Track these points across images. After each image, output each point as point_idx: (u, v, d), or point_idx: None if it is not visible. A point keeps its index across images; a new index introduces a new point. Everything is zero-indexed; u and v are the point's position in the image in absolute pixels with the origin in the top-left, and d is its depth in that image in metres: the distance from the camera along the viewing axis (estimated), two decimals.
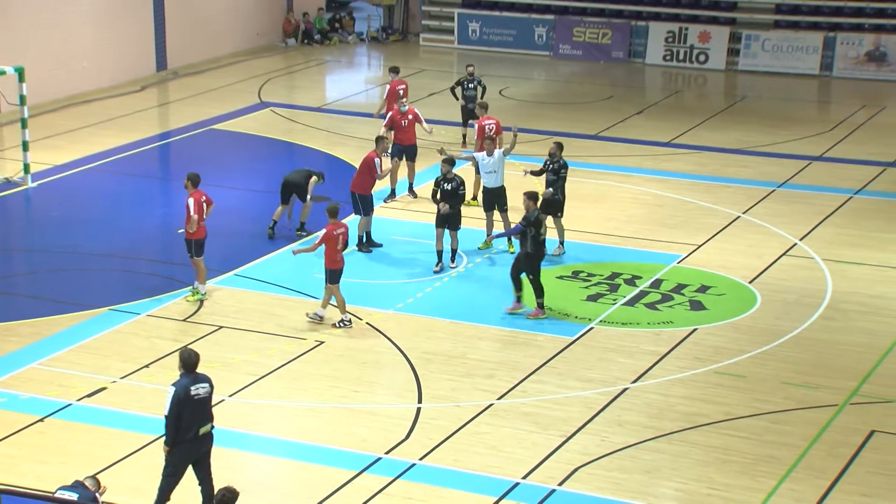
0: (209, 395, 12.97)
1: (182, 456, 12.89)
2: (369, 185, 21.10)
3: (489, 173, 21.19)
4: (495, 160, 21.10)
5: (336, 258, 18.14)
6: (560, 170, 20.81)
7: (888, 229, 22.71)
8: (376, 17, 41.30)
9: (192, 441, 12.84)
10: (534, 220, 18.38)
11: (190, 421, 12.76)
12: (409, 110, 23.91)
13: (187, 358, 12.96)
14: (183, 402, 12.70)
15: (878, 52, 35.15)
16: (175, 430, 12.75)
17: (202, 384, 12.93)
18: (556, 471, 14.37)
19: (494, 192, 21.21)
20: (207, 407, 12.95)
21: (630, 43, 37.30)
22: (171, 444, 12.83)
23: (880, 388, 16.60)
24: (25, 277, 20.57)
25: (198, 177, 19.04)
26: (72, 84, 31.30)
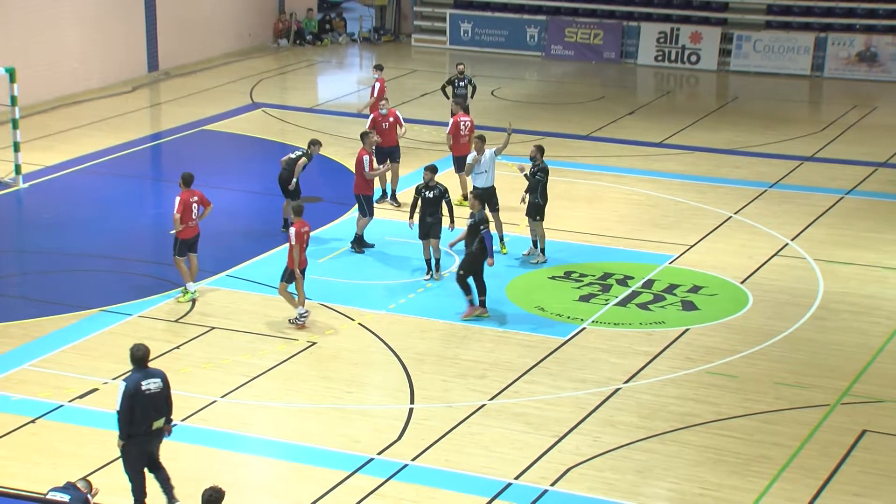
0: (161, 389, 13.04)
1: (137, 451, 13.01)
2: (369, 185, 21.12)
3: (480, 173, 21.14)
4: (486, 160, 21.07)
5: (302, 257, 18.18)
6: (536, 173, 20.58)
7: (879, 229, 22.75)
8: (368, 18, 41.30)
9: (145, 435, 12.96)
10: (482, 220, 18.38)
11: (142, 416, 12.87)
12: (389, 112, 23.70)
13: (135, 352, 13.07)
14: (134, 396, 12.79)
15: (869, 52, 35.21)
16: (128, 425, 12.85)
17: (154, 379, 13.03)
18: (548, 471, 14.38)
19: (485, 193, 21.19)
20: (160, 402, 13.03)
21: (622, 43, 37.34)
22: (124, 438, 12.93)
23: (872, 387, 16.63)
24: (17, 278, 20.53)
25: (190, 176, 19.03)
26: (63, 85, 31.26)
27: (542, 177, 20.55)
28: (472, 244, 18.42)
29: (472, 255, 18.44)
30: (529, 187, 20.63)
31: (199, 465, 14.47)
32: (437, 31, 39.67)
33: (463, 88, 27.39)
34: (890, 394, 16.46)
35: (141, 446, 12.99)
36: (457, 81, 27.50)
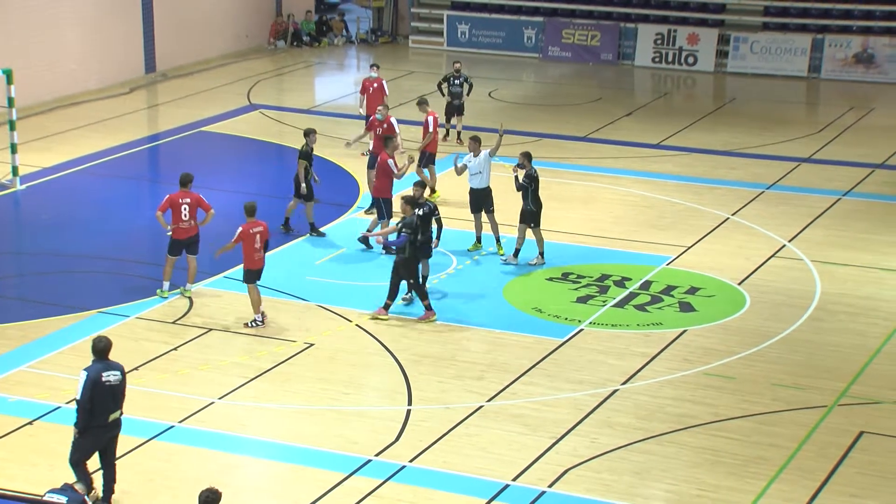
0: (121, 382, 13.10)
1: (92, 441, 13.06)
2: (388, 189, 20.96)
3: (475, 174, 21.10)
4: (481, 161, 21.03)
5: (254, 257, 18.17)
6: (524, 179, 20.46)
7: (876, 231, 22.77)
8: (365, 19, 41.30)
9: (102, 427, 13.03)
10: (413, 225, 18.28)
11: (101, 407, 12.93)
12: (385, 119, 23.39)
13: (97, 343, 13.13)
14: (94, 387, 12.86)
15: (866, 53, 35.24)
16: (88, 416, 12.90)
17: (114, 371, 13.08)
18: (545, 472, 14.38)
19: (480, 194, 21.14)
20: (117, 395, 13.10)
21: (619, 45, 37.36)
22: (82, 429, 12.96)
23: (869, 389, 16.64)
24: (14, 280, 20.52)
25: (186, 177, 19.07)
26: (60, 86, 31.25)
27: (527, 182, 20.42)
28: (405, 248, 18.30)
29: (406, 260, 18.33)
30: (519, 186, 20.61)
31: (196, 466, 14.46)
32: (434, 33, 39.69)
33: (458, 87, 27.61)
34: (887, 395, 16.47)
35: (96, 437, 13.07)
36: (452, 79, 27.69)
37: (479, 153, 21.06)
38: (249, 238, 18.12)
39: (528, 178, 20.44)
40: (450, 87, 27.69)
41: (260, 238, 18.24)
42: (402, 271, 18.39)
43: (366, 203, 23.54)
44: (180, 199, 18.88)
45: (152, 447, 14.84)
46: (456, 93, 27.65)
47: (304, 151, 21.65)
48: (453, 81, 27.67)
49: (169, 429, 15.27)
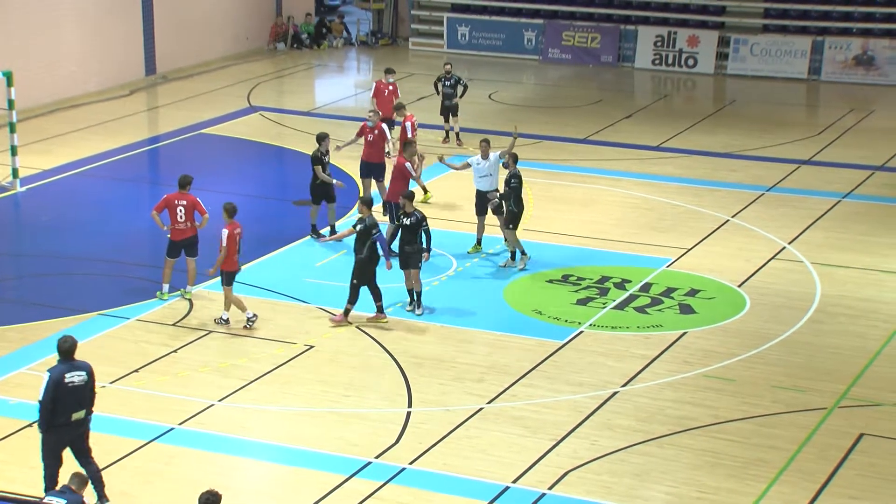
0: (85, 383, 13.14)
1: (56, 440, 13.11)
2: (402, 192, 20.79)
3: (484, 177, 21.04)
4: (491, 163, 20.98)
5: (234, 259, 18.18)
6: (510, 179, 20.37)
7: (876, 233, 22.77)
8: (365, 22, 41.31)
9: (65, 426, 13.08)
10: (373, 225, 18.25)
11: (63, 407, 12.98)
12: (377, 125, 22.98)
13: (62, 344, 13.19)
14: (56, 388, 12.92)
15: (866, 56, 35.24)
16: (49, 415, 12.97)
17: (78, 372, 13.13)
18: (546, 475, 14.38)
19: (486, 196, 21.15)
20: (83, 394, 13.15)
21: (619, 47, 37.36)
22: (44, 428, 13.04)
23: (869, 391, 16.64)
24: (14, 282, 20.52)
25: (184, 178, 19.11)
26: (60, 88, 31.26)
27: (516, 183, 20.35)
28: (362, 250, 18.21)
29: (362, 262, 18.25)
30: (503, 195, 20.54)
31: (196, 468, 14.46)
32: (434, 35, 39.69)
33: (450, 88, 27.67)
34: (887, 397, 16.47)
35: (59, 437, 13.13)
36: (444, 80, 27.78)
37: (488, 155, 21.00)
38: (233, 240, 18.14)
39: (515, 178, 20.36)
40: (442, 88, 27.81)
41: (238, 240, 18.27)
42: (356, 274, 18.27)
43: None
44: (176, 201, 18.89)
45: (152, 449, 14.84)
46: (448, 93, 27.72)
47: (315, 156, 21.57)
48: (445, 82, 27.79)
49: (169, 431, 15.27)
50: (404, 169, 20.83)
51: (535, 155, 27.10)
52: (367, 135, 22.94)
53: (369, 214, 18.36)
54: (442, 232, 21.98)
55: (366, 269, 18.25)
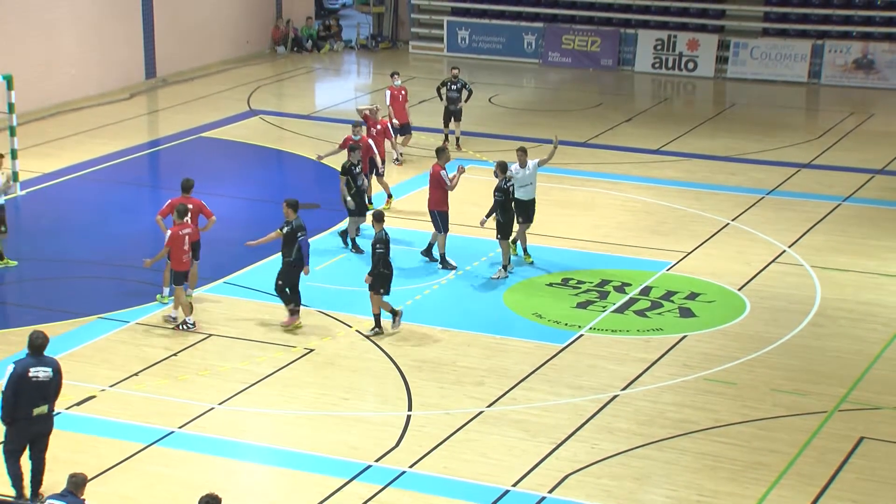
0: (50, 379, 13.25)
1: (17, 432, 13.26)
2: (444, 201, 20.69)
3: (524, 186, 20.68)
4: (530, 171, 20.70)
5: (182, 259, 18.19)
6: (496, 192, 20.21)
7: (876, 236, 22.78)
8: (366, 25, 41.33)
9: (27, 420, 13.19)
10: (300, 228, 18.23)
11: (25, 400, 13.11)
12: (362, 138, 22.66)
13: (34, 339, 13.31)
14: (20, 381, 13.07)
15: (866, 59, 35.26)
16: (11, 408, 13.13)
17: (44, 368, 13.24)
18: (546, 478, 14.38)
19: (525, 205, 20.78)
20: (46, 391, 13.25)
21: (619, 51, 37.37)
22: (7, 420, 13.19)
23: (869, 394, 16.64)
24: (14, 286, 20.52)
25: (187, 182, 19.16)
26: (61, 92, 31.27)
27: (500, 197, 20.22)
28: (291, 253, 18.18)
29: (290, 265, 18.24)
30: (491, 209, 20.31)
31: (196, 472, 14.46)
32: (434, 39, 39.71)
33: (455, 92, 27.69)
34: (887, 401, 16.47)
35: (20, 429, 13.24)
36: (449, 84, 27.77)
37: (526, 163, 20.69)
38: (179, 240, 18.15)
39: (500, 193, 20.21)
40: (447, 93, 27.75)
41: (188, 240, 18.23)
42: (282, 276, 18.23)
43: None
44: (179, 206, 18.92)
45: (152, 453, 14.84)
46: (453, 98, 27.68)
47: (345, 167, 21.44)
48: (451, 87, 27.75)
49: (169, 434, 15.27)
50: (440, 177, 20.59)
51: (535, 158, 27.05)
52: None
53: (296, 217, 18.33)
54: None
55: (292, 272, 18.27)
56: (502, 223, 20.32)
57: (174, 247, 18.14)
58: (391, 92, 26.75)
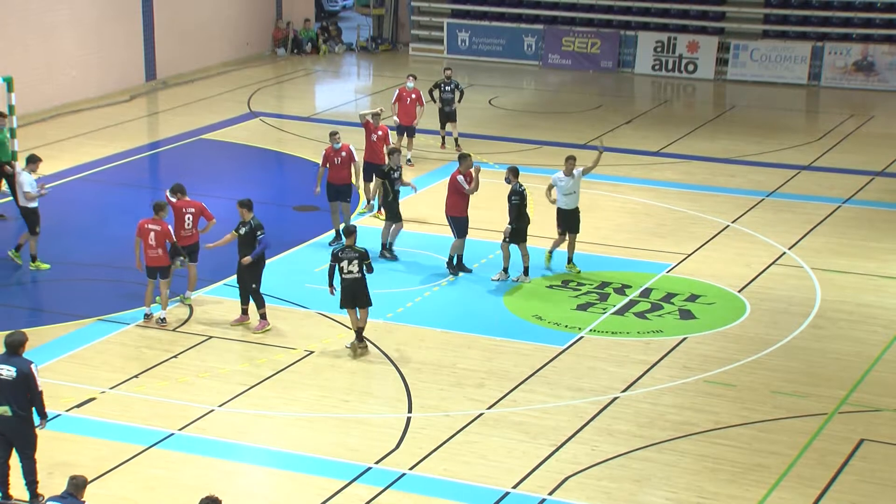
0: (13, 379, 13.20)
1: None
2: (462, 206, 20.41)
3: (568, 195, 20.34)
4: (575, 180, 20.35)
5: (148, 253, 18.31)
6: (511, 196, 19.94)
7: (876, 238, 22.78)
8: (366, 27, 41.34)
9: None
10: (259, 227, 18.24)
11: None
12: (343, 147, 21.95)
13: (8, 336, 13.35)
14: None
15: (866, 61, 35.27)
16: None
17: (9, 367, 13.20)
18: (546, 480, 14.38)
19: (569, 215, 20.50)
20: (8, 390, 13.19)
21: (619, 53, 37.39)
22: None
23: (869, 396, 16.64)
24: (14, 287, 20.52)
25: (178, 186, 19.24)
26: (60, 94, 31.28)
27: (517, 200, 19.98)
28: (249, 254, 18.20)
29: (251, 265, 18.26)
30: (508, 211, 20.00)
31: (196, 474, 14.46)
32: (434, 41, 39.72)
33: (449, 93, 27.72)
34: (887, 403, 16.47)
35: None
36: (443, 86, 27.79)
37: (572, 172, 20.34)
38: (144, 234, 18.25)
39: (516, 196, 20.03)
40: (441, 94, 27.75)
41: (156, 237, 18.23)
42: (254, 278, 18.27)
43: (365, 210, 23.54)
44: (184, 209, 18.96)
45: (152, 455, 14.84)
46: (447, 99, 27.71)
47: (384, 170, 21.24)
48: (444, 88, 27.76)
49: (169, 436, 15.27)
50: (457, 183, 20.33)
51: (535, 160, 27.12)
52: (334, 158, 21.88)
53: (252, 217, 18.35)
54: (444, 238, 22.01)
55: (254, 272, 18.30)
56: (515, 228, 20.00)
57: (144, 241, 18.26)
58: (400, 93, 26.69)
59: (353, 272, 17.47)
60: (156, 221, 18.40)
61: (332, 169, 21.82)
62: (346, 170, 21.84)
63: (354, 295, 17.56)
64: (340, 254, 17.51)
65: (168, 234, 18.46)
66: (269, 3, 39.25)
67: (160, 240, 18.41)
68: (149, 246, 18.34)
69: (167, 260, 18.50)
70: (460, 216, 20.48)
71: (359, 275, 17.49)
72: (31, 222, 20.82)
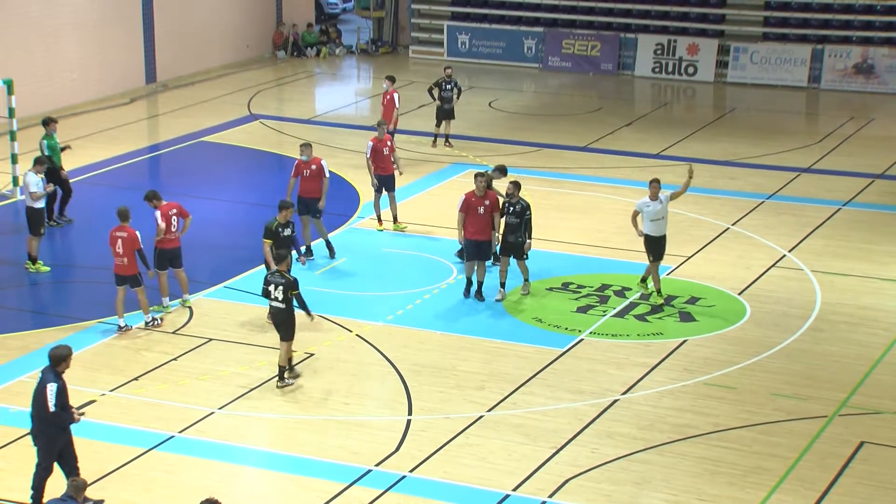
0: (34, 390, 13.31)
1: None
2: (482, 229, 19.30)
3: (656, 220, 19.28)
4: (662, 205, 19.29)
5: (115, 262, 18.26)
6: (524, 212, 19.23)
7: (876, 241, 22.78)
8: (366, 30, 41.35)
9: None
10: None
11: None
12: (312, 160, 21.16)
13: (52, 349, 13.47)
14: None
15: (866, 64, 35.27)
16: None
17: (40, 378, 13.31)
18: (546, 483, 14.37)
19: (658, 241, 19.42)
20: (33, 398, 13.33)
21: (619, 55, 37.39)
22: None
23: (869, 399, 16.63)
24: (14, 290, 20.52)
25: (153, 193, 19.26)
26: (61, 96, 31.29)
27: (529, 215, 19.29)
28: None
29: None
30: (511, 225, 19.28)
31: (196, 476, 14.45)
32: (434, 43, 39.73)
33: (449, 92, 27.90)
34: (888, 405, 16.47)
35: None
36: (444, 84, 27.98)
37: (658, 196, 19.26)
38: (112, 242, 18.21)
39: (528, 211, 19.26)
40: (441, 92, 27.96)
41: (123, 244, 18.16)
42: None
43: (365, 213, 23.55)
44: (170, 212, 18.97)
45: (152, 457, 14.84)
46: (447, 97, 28.01)
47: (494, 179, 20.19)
48: (444, 86, 27.98)
49: (169, 439, 15.26)
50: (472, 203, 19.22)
51: (536, 163, 27.14)
52: (303, 170, 21.12)
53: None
54: (444, 240, 22.03)
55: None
56: (522, 243, 19.33)
57: (112, 248, 18.23)
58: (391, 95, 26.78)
59: (278, 300, 16.43)
60: (122, 228, 18.21)
61: (302, 181, 21.08)
62: (314, 182, 21.03)
63: (277, 325, 16.68)
64: (269, 277, 16.60)
65: (135, 241, 18.20)
66: (269, 5, 39.27)
67: (127, 247, 18.15)
68: (116, 254, 18.26)
69: (135, 268, 18.22)
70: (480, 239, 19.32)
71: (282, 305, 16.44)
72: (34, 223, 20.86)
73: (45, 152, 23.00)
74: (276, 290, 16.45)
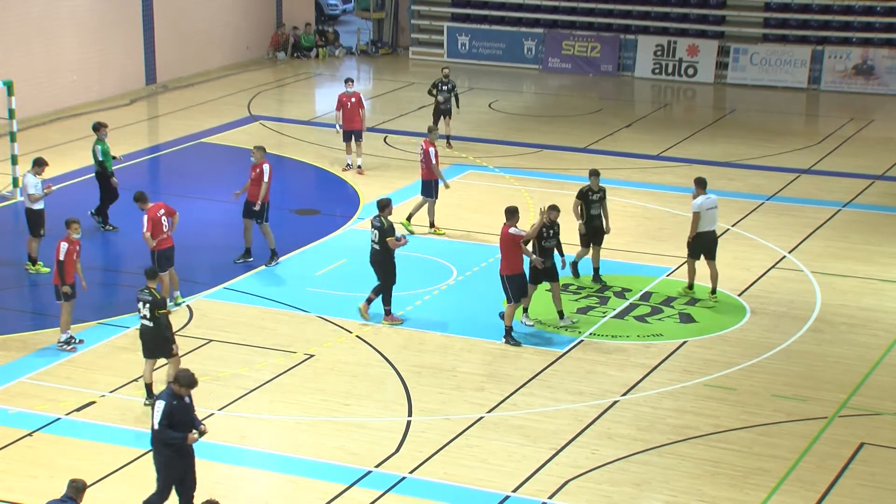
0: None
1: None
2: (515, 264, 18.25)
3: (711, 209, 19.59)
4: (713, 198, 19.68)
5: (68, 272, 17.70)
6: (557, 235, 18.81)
7: (876, 242, 22.78)
8: (366, 31, 41.36)
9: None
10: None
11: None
12: (259, 163, 20.94)
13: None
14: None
15: (866, 65, 35.28)
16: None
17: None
18: (546, 484, 14.37)
19: (709, 237, 19.69)
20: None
21: (619, 56, 37.40)
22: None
23: (869, 400, 16.63)
24: (14, 291, 20.52)
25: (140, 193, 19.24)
26: (61, 97, 31.29)
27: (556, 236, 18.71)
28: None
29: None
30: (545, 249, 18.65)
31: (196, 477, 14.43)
32: (434, 44, 39.73)
33: (446, 92, 27.96)
34: (888, 406, 16.47)
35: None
36: (440, 85, 28.08)
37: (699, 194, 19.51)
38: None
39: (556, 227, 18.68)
40: (438, 92, 28.11)
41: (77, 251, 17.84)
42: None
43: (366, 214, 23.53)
44: (158, 213, 18.97)
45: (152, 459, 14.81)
46: (445, 97, 28.08)
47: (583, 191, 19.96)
48: (441, 87, 28.11)
49: None
50: (510, 236, 18.10)
51: (535, 164, 27.14)
52: (250, 173, 21.10)
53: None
54: (445, 242, 22.03)
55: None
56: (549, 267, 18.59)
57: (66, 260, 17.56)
58: (340, 98, 26.40)
59: (146, 318, 15.69)
60: (66, 238, 17.82)
61: (250, 185, 21.06)
62: (256, 188, 20.87)
63: (147, 345, 15.87)
64: (139, 293, 15.83)
65: (74, 251, 17.73)
66: (269, 7, 39.26)
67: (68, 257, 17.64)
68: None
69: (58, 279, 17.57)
70: (516, 274, 18.25)
71: (150, 323, 15.67)
72: (34, 224, 20.87)
73: (99, 157, 22.85)
74: (144, 307, 15.72)
